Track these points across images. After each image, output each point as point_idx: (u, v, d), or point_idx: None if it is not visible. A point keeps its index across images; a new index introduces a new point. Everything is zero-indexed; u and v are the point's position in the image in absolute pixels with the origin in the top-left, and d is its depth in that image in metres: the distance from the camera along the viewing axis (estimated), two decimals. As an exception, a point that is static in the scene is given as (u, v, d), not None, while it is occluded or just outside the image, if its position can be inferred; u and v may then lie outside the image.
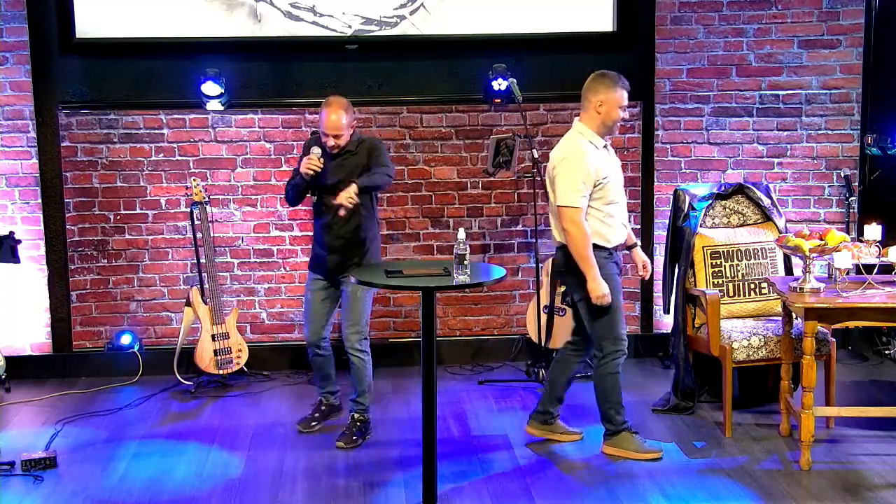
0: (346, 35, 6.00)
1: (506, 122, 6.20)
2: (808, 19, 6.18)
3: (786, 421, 4.96)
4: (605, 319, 4.66)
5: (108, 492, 4.44)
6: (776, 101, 6.25)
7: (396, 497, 4.34)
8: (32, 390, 5.85)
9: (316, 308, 5.04)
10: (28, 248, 5.90)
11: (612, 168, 4.67)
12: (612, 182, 4.63)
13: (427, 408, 4.08)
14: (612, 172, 4.64)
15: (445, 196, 6.25)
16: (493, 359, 6.31)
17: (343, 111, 4.84)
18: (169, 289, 6.18)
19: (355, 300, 4.94)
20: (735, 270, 5.31)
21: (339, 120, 4.82)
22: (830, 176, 6.31)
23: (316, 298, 5.04)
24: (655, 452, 4.69)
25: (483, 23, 6.03)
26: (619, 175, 4.73)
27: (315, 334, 5.05)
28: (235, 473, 4.63)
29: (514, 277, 6.32)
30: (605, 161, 4.62)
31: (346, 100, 4.90)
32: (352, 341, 4.96)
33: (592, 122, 4.62)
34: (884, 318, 4.57)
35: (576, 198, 4.52)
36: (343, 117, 4.83)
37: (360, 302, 4.95)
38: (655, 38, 6.16)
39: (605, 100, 4.57)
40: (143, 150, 6.06)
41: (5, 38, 5.86)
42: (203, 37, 5.91)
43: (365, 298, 4.97)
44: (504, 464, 4.68)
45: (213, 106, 5.92)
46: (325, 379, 5.19)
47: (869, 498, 4.25)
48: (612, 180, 4.62)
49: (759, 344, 4.98)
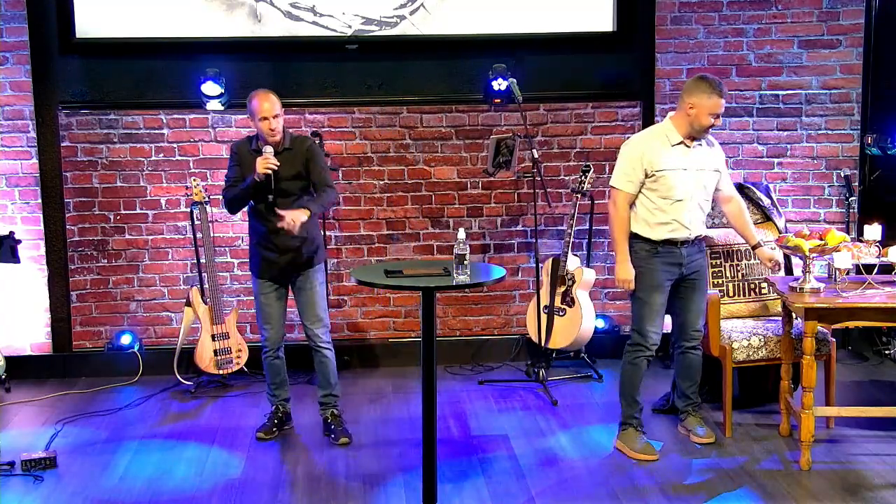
0: (346, 35, 6.00)
1: (506, 122, 6.20)
2: (808, 19, 6.18)
3: (786, 421, 4.96)
4: (635, 311, 4.79)
5: (108, 492, 4.44)
6: (776, 101, 6.25)
7: (396, 497, 4.34)
8: (32, 390, 5.85)
9: (274, 311, 5.00)
10: (28, 248, 5.90)
11: (683, 166, 4.64)
12: (674, 179, 4.62)
13: (427, 408, 4.08)
14: (676, 169, 4.63)
15: (445, 196, 6.25)
16: (493, 359, 6.31)
17: (274, 96, 4.80)
18: (169, 289, 6.18)
19: (314, 294, 4.97)
20: (735, 270, 5.31)
21: (274, 103, 4.76)
22: (830, 176, 6.31)
23: (271, 301, 4.99)
24: (650, 455, 4.68)
25: (483, 23, 6.03)
26: (693, 175, 4.67)
27: (278, 337, 5.04)
28: (235, 473, 4.63)
29: (514, 277, 6.32)
30: (671, 157, 4.62)
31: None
32: (319, 335, 4.98)
33: (681, 121, 4.66)
34: (884, 318, 4.57)
35: (622, 181, 4.68)
36: (277, 102, 4.79)
37: (318, 295, 4.98)
38: (655, 38, 6.16)
39: (697, 104, 4.58)
40: (143, 150, 6.06)
41: (5, 38, 5.87)
42: (203, 37, 5.92)
43: (322, 291, 5.02)
44: (504, 464, 4.68)
45: (213, 106, 5.92)
46: (282, 385, 5.14)
47: (869, 498, 4.25)
48: (672, 177, 4.62)
49: (759, 344, 4.98)
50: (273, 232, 4.82)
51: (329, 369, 5.04)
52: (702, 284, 4.85)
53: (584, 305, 5.82)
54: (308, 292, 4.97)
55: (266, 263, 4.94)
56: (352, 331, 6.31)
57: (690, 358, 4.90)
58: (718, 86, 4.57)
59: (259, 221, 4.91)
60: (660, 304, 4.74)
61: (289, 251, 4.88)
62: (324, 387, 5.08)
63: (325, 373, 5.05)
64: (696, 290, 4.81)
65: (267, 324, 5.02)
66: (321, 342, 5.00)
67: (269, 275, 4.95)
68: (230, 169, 4.93)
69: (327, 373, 5.05)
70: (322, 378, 5.07)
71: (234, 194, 4.87)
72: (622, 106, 6.25)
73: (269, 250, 4.91)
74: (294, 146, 4.88)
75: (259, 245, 4.95)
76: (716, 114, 4.59)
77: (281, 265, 4.91)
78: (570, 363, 6.13)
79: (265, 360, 5.10)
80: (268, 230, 4.86)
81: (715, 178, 4.77)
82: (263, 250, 4.93)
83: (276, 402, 5.15)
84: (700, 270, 4.83)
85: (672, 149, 4.64)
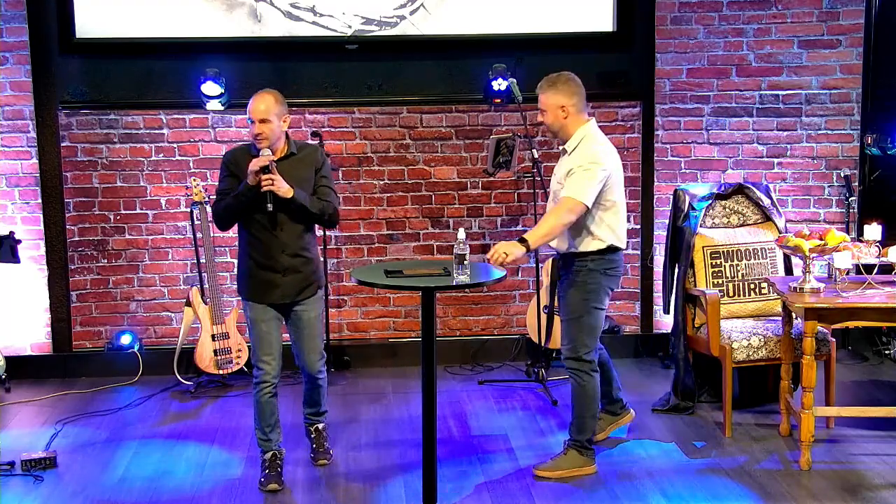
0: (346, 35, 6.00)
1: (506, 122, 6.20)
2: (808, 19, 6.18)
3: (786, 421, 4.96)
4: None
5: (108, 492, 4.44)
6: (776, 101, 6.25)
7: (396, 497, 4.34)
8: (32, 390, 5.85)
9: (275, 339, 4.45)
10: (28, 248, 5.90)
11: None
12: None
13: (427, 408, 4.08)
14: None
15: (445, 196, 6.25)
16: (493, 359, 6.31)
17: (272, 98, 4.34)
18: (169, 289, 6.18)
19: (318, 324, 4.58)
20: (735, 270, 5.31)
21: (269, 106, 4.30)
22: (830, 176, 6.31)
23: (272, 329, 4.45)
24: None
25: (483, 23, 6.03)
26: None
27: (278, 370, 4.47)
28: (235, 473, 4.63)
29: (514, 277, 6.32)
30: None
31: (277, 93, 4.43)
32: (317, 366, 4.59)
33: None
34: (884, 318, 4.57)
35: None
36: (273, 104, 4.31)
37: (320, 323, 4.62)
38: (655, 38, 6.16)
39: None
40: (143, 150, 6.06)
41: (5, 38, 5.87)
42: (203, 37, 5.92)
43: (322, 319, 4.67)
44: (504, 464, 4.68)
45: (213, 106, 5.92)
46: (276, 426, 4.55)
47: (869, 498, 4.25)
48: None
49: (758, 344, 4.98)
50: (272, 245, 4.37)
51: (322, 394, 4.72)
52: (561, 301, 4.57)
53: (584, 305, 5.82)
54: (311, 322, 4.52)
55: (265, 286, 4.41)
56: (352, 331, 6.31)
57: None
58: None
59: (256, 237, 4.40)
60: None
61: (291, 271, 4.40)
62: (312, 405, 4.77)
63: (317, 397, 4.73)
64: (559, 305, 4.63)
65: (268, 355, 4.43)
66: (314, 372, 4.61)
67: (266, 297, 4.43)
68: (221, 181, 4.44)
69: (319, 397, 4.73)
70: (312, 400, 4.75)
71: (227, 203, 4.35)
72: (622, 106, 6.25)
73: (268, 270, 4.40)
74: (301, 152, 4.48)
75: (256, 265, 4.42)
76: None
77: (282, 288, 4.42)
78: (570, 363, 6.12)
79: (259, 397, 4.46)
80: (264, 243, 4.38)
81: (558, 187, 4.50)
82: (262, 270, 4.41)
83: (273, 448, 4.52)
84: (562, 287, 4.57)
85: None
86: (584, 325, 4.46)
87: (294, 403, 5.51)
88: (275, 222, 4.35)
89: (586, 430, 4.52)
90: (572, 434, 4.55)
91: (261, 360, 4.44)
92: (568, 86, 4.44)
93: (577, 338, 4.46)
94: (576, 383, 4.50)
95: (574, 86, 4.46)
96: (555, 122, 4.46)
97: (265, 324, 4.44)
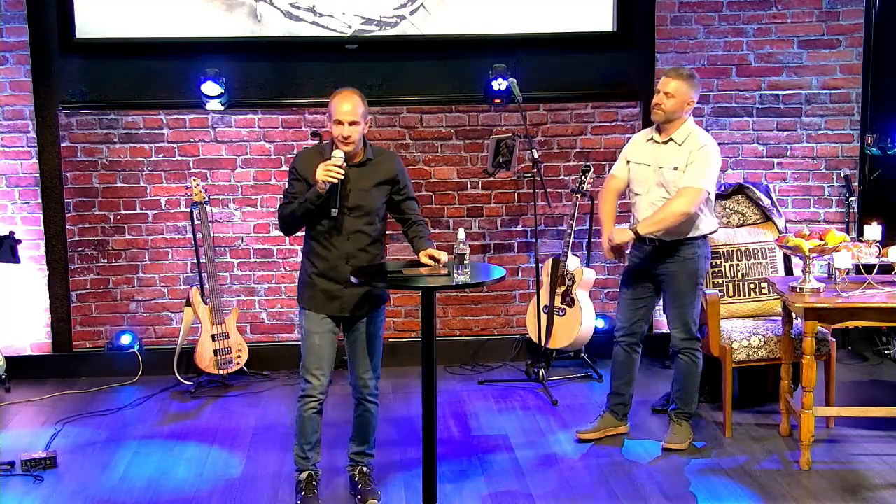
0: (346, 35, 6.00)
1: (506, 122, 6.20)
2: (808, 19, 6.18)
3: (786, 421, 4.96)
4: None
5: (108, 492, 4.44)
6: (776, 101, 6.25)
7: (396, 497, 4.34)
8: (32, 390, 5.85)
9: (327, 353, 4.20)
10: (28, 248, 5.90)
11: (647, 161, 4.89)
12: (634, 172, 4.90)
13: (427, 408, 4.08)
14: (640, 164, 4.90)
15: (445, 196, 6.25)
16: (493, 359, 6.31)
17: (359, 98, 4.07)
18: (169, 289, 6.18)
19: (375, 340, 4.29)
20: (735, 270, 5.31)
21: (356, 107, 4.02)
22: (830, 176, 6.31)
23: (326, 342, 4.19)
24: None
25: (483, 23, 6.03)
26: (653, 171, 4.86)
27: (324, 385, 4.21)
28: (235, 473, 4.63)
29: (514, 277, 6.32)
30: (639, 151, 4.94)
31: (360, 92, 4.15)
32: (371, 387, 4.30)
33: None
34: (884, 318, 4.57)
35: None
36: (360, 105, 4.04)
37: (379, 341, 4.31)
38: (655, 38, 6.16)
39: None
40: (143, 150, 6.06)
41: (5, 38, 5.86)
42: (203, 37, 5.92)
43: (382, 336, 4.35)
44: (504, 464, 4.68)
45: (213, 106, 5.92)
46: (317, 445, 4.32)
47: (869, 498, 4.25)
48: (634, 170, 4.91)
49: (758, 344, 4.98)
50: (337, 255, 4.12)
51: (372, 426, 4.37)
52: (669, 287, 4.78)
53: (584, 305, 5.82)
54: (371, 337, 4.25)
55: (324, 296, 4.16)
56: (352, 331, 6.31)
57: (679, 362, 4.87)
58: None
59: (319, 243, 4.15)
60: (624, 297, 4.91)
61: (355, 284, 4.08)
62: (359, 443, 4.40)
63: (366, 428, 4.37)
64: (665, 292, 4.83)
65: (317, 369, 4.17)
66: (371, 394, 4.31)
67: (327, 310, 4.17)
68: (289, 184, 4.19)
69: (369, 429, 4.38)
70: (360, 433, 4.39)
71: (292, 209, 4.09)
72: (622, 106, 6.25)
73: (330, 280, 4.15)
74: (378, 157, 4.19)
75: (317, 273, 4.16)
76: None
77: (344, 299, 4.17)
78: (569, 363, 6.13)
79: (302, 412, 4.20)
80: (330, 254, 4.13)
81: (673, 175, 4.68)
82: (322, 280, 4.15)
83: (309, 468, 4.30)
84: (669, 274, 4.74)
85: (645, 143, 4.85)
86: (695, 307, 4.78)
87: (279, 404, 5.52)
88: (340, 229, 4.11)
89: (695, 402, 4.92)
90: (682, 407, 4.87)
91: (309, 373, 4.20)
92: (697, 86, 4.74)
93: (689, 320, 4.77)
94: (691, 361, 4.81)
95: (699, 87, 4.78)
96: (676, 110, 4.68)
97: (318, 336, 4.19)
